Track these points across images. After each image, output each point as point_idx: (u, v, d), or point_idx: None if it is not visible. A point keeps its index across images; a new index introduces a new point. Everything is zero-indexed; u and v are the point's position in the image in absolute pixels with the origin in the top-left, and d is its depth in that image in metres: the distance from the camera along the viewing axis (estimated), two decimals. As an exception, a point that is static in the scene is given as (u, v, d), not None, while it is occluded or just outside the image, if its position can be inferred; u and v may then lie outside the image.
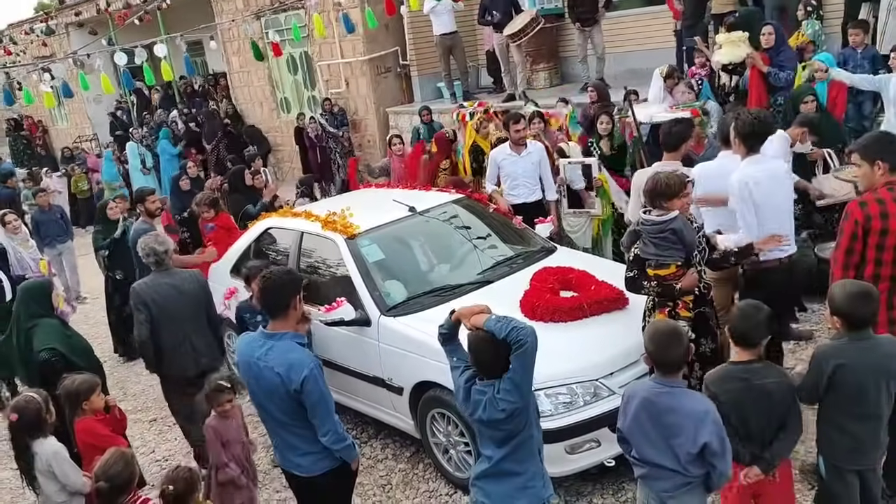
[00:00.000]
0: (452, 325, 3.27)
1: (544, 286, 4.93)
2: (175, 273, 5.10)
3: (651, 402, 3.14)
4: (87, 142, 20.54)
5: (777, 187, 4.48)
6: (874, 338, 3.28)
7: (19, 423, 3.87)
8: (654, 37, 10.81)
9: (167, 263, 5.07)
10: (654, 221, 4.13)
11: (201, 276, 5.33)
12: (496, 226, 6.07)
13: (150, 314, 4.90)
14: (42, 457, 3.86)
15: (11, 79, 14.74)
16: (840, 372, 3.20)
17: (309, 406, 3.48)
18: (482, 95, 12.47)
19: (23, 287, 5.21)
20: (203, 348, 5.06)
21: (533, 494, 3.20)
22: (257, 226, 6.51)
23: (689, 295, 4.15)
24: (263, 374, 3.51)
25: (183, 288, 5.00)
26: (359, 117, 13.81)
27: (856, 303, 3.21)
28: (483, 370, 3.12)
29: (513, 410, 3.04)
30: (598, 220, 7.02)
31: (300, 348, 3.55)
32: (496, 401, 3.03)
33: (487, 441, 3.21)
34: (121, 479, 3.40)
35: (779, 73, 6.99)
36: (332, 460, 3.64)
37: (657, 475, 3.21)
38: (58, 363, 4.62)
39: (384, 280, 5.27)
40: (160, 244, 5.06)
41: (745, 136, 4.47)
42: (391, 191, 6.87)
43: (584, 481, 4.60)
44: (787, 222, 4.55)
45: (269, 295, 3.56)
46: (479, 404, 3.09)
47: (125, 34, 16.57)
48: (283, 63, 15.21)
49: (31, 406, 3.88)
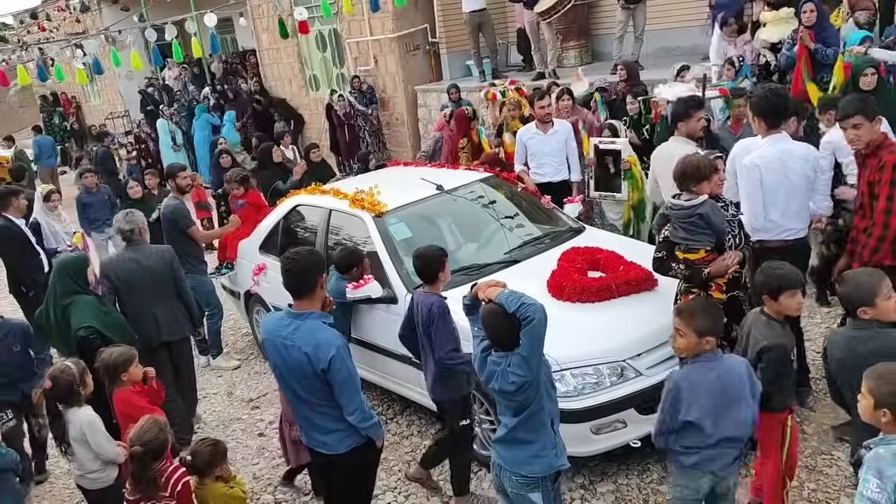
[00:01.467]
0: (473, 298, 3.33)
1: (572, 266, 4.91)
2: (142, 249, 5.47)
3: (711, 378, 3.24)
4: (119, 118, 20.78)
5: (792, 167, 4.42)
6: (885, 329, 3.20)
7: (52, 391, 3.98)
8: (688, 14, 10.61)
9: (136, 240, 5.46)
10: (682, 206, 4.08)
11: (169, 253, 5.56)
12: (524, 205, 6.05)
13: (112, 286, 5.33)
14: (76, 425, 3.96)
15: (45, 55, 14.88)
16: (842, 359, 3.21)
17: (336, 385, 3.50)
18: (511, 73, 12.37)
19: (59, 262, 5.27)
20: (165, 319, 5.40)
21: (545, 462, 3.26)
22: (286, 203, 6.56)
23: (721, 278, 4.10)
24: (290, 354, 3.53)
25: (145, 263, 5.37)
26: (387, 95, 13.78)
27: (858, 290, 3.22)
28: (495, 342, 3.19)
29: (522, 384, 3.10)
30: (628, 204, 6.94)
31: (327, 328, 3.57)
32: (507, 374, 3.11)
33: (504, 409, 3.32)
34: (155, 444, 3.50)
35: (825, 49, 6.87)
36: (358, 437, 3.67)
37: (720, 453, 3.28)
38: (95, 340, 4.72)
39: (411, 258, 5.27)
40: (127, 223, 5.44)
41: (760, 112, 4.44)
42: (419, 169, 6.86)
43: (610, 462, 4.60)
44: (797, 203, 4.49)
45: (296, 276, 3.57)
46: (493, 374, 3.18)
47: (156, 10, 16.66)
48: (311, 40, 15.19)
49: (64, 375, 3.98)
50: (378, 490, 4.74)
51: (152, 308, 5.36)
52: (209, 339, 7.02)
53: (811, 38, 6.91)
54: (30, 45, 15.90)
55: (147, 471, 3.51)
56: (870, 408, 2.66)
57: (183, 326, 5.59)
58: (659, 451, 4.57)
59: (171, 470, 3.58)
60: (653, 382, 4.27)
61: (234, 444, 5.53)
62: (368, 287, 5.04)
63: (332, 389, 3.53)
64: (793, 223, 4.51)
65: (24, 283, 7.07)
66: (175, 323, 5.50)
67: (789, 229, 4.52)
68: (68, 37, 18.05)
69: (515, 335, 3.08)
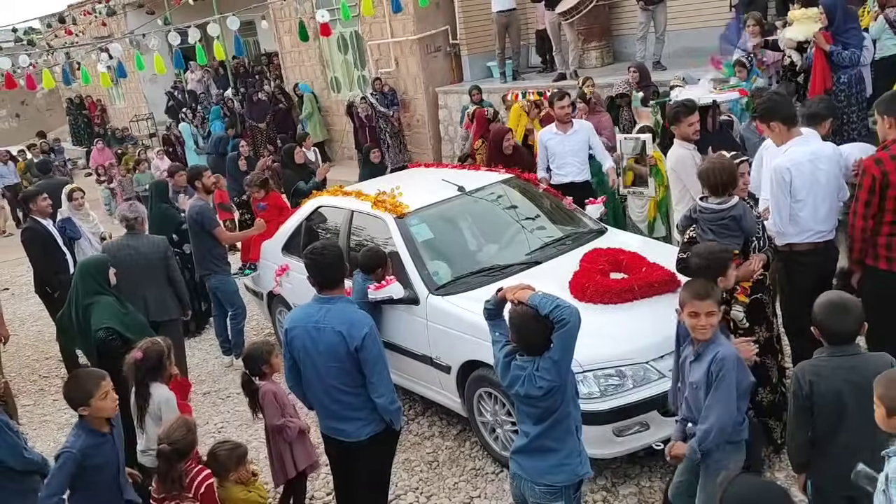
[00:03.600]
0: (498, 302, 3.30)
1: (594, 267, 4.89)
2: (140, 237, 6.10)
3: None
4: (143, 120, 21.03)
5: (821, 168, 4.38)
6: (861, 354, 3.03)
7: (143, 362, 4.04)
8: (709, 14, 10.53)
9: (137, 228, 6.10)
10: (713, 210, 4.02)
11: (163, 243, 6.16)
12: (545, 206, 6.03)
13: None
14: (156, 400, 4.04)
15: (71, 59, 15.11)
16: (815, 389, 2.96)
17: (369, 364, 3.59)
18: (531, 75, 12.36)
19: (81, 263, 5.42)
20: (154, 302, 5.92)
21: (570, 471, 3.22)
22: (308, 204, 6.60)
23: (746, 281, 4.06)
24: (322, 337, 3.62)
25: (141, 250, 5.95)
26: (408, 97, 13.82)
27: (831, 315, 2.99)
28: (524, 346, 3.13)
29: (550, 388, 3.06)
30: (653, 201, 6.88)
31: (357, 309, 3.74)
32: (535, 378, 3.06)
33: (525, 417, 3.25)
34: (183, 444, 3.54)
35: (842, 51, 6.75)
36: (378, 425, 3.74)
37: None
38: (114, 341, 4.80)
39: (433, 259, 5.29)
40: (132, 213, 6.12)
41: (774, 117, 4.42)
42: (440, 170, 6.87)
43: (633, 464, 4.58)
44: (827, 205, 4.45)
45: (324, 270, 3.69)
46: (518, 379, 3.12)
47: (179, 14, 16.85)
48: (333, 42, 15.27)
49: (155, 348, 4.08)
50: (400, 490, 4.77)
51: (143, 291, 5.84)
52: (232, 339, 7.07)
53: (826, 40, 6.82)
54: (56, 49, 16.14)
55: (173, 470, 3.54)
56: (883, 416, 2.61)
57: (171, 309, 6.04)
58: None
59: (196, 471, 3.61)
60: (676, 384, 4.26)
61: (256, 443, 5.56)
62: (390, 288, 5.06)
63: (362, 372, 3.62)
64: (822, 226, 4.47)
65: (49, 284, 7.17)
66: (163, 305, 5.98)
67: (819, 232, 4.47)
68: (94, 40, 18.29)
69: (546, 338, 3.05)
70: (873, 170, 4.10)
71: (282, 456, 4.29)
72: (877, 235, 4.22)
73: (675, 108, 5.59)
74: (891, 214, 4.14)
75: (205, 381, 6.89)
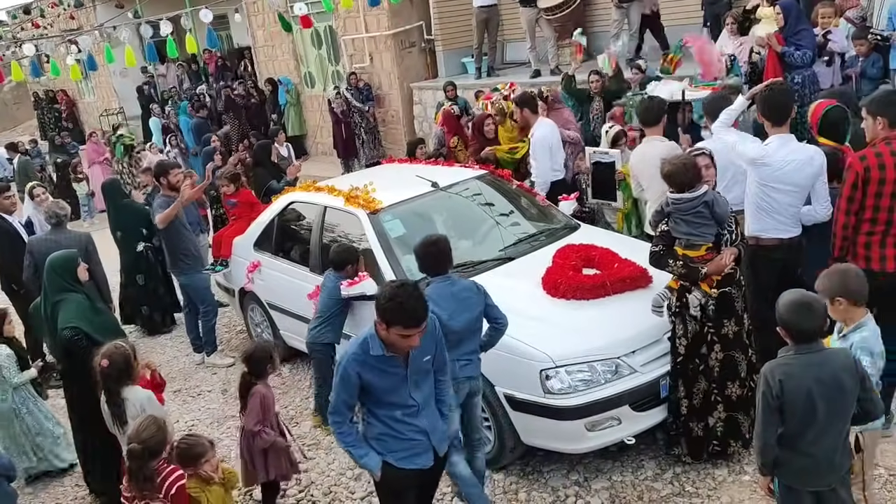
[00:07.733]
0: None
1: (567, 263, 4.90)
2: (64, 232, 6.39)
3: None
4: (113, 115, 20.69)
5: (798, 168, 4.43)
6: (825, 350, 3.07)
7: (109, 369, 3.98)
8: (682, 12, 10.60)
9: (64, 224, 6.40)
10: (685, 199, 4.07)
11: (85, 237, 6.37)
12: (519, 202, 6.04)
13: (33, 260, 6.26)
14: (135, 402, 3.99)
15: (39, 51, 14.82)
16: (786, 387, 2.98)
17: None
18: (505, 71, 12.36)
19: (48, 260, 5.23)
20: None
21: None
22: (281, 200, 6.53)
23: (716, 275, 4.11)
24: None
25: (63, 244, 5.94)
26: (382, 92, 13.75)
27: (797, 314, 3.00)
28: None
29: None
30: (621, 213, 6.93)
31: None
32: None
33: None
34: (152, 443, 3.48)
35: (794, 52, 6.85)
36: None
37: None
38: (80, 342, 4.67)
39: (406, 255, 5.26)
40: (61, 209, 6.44)
41: (764, 111, 4.53)
42: (415, 166, 6.85)
43: (605, 459, 4.60)
44: (799, 204, 4.52)
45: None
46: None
47: (150, 7, 16.59)
48: (307, 37, 15.15)
49: (119, 352, 4.02)
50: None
51: None
52: (204, 336, 6.99)
53: (778, 41, 6.91)
54: (24, 42, 15.83)
55: (143, 469, 3.48)
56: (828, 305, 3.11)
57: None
58: (653, 447, 4.60)
59: (168, 471, 3.55)
60: (647, 379, 4.28)
61: (228, 441, 5.51)
62: (363, 284, 5.04)
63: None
64: (791, 222, 4.53)
65: (15, 282, 7.03)
66: None
67: (788, 229, 4.54)
68: (63, 33, 17.98)
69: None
70: (857, 166, 4.12)
71: (254, 460, 4.30)
72: (857, 234, 4.24)
73: (661, 101, 5.67)
74: (870, 212, 4.16)
75: (175, 379, 6.79)
